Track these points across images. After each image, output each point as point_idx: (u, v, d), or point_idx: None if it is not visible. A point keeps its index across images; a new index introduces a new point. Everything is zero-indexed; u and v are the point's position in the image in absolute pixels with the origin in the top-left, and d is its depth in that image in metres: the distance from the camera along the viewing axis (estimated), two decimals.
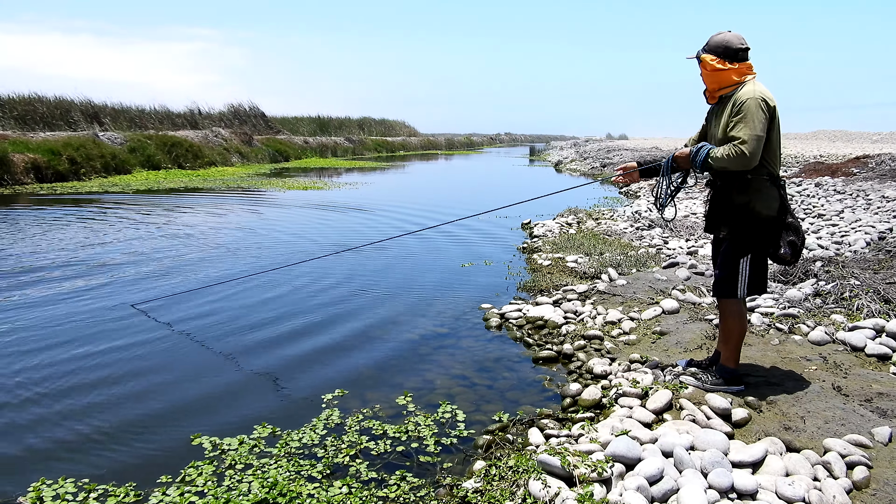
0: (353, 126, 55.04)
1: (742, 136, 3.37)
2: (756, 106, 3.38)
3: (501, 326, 5.74)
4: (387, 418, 3.93)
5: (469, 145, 76.08)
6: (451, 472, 3.32)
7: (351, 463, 3.39)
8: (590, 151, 41.51)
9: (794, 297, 5.46)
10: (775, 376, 3.99)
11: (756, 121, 3.36)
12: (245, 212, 13.60)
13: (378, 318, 6.00)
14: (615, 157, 31.86)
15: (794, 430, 3.30)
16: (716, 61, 3.55)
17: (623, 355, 4.72)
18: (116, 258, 8.33)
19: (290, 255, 8.86)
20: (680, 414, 3.57)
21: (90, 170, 20.77)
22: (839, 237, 8.26)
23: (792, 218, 3.61)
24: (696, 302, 5.77)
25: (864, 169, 15.97)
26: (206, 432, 3.71)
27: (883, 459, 3.02)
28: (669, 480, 2.81)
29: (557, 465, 2.92)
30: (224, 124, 37.08)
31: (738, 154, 3.37)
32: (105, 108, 31.40)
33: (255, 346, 5.20)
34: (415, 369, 4.75)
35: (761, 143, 3.38)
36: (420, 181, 25.92)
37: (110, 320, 5.73)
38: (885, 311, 4.95)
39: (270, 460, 3.41)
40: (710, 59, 3.57)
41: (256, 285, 6.97)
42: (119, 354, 4.94)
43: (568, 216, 11.96)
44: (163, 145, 25.93)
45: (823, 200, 12.01)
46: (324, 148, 42.09)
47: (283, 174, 25.87)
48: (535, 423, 3.76)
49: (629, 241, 9.26)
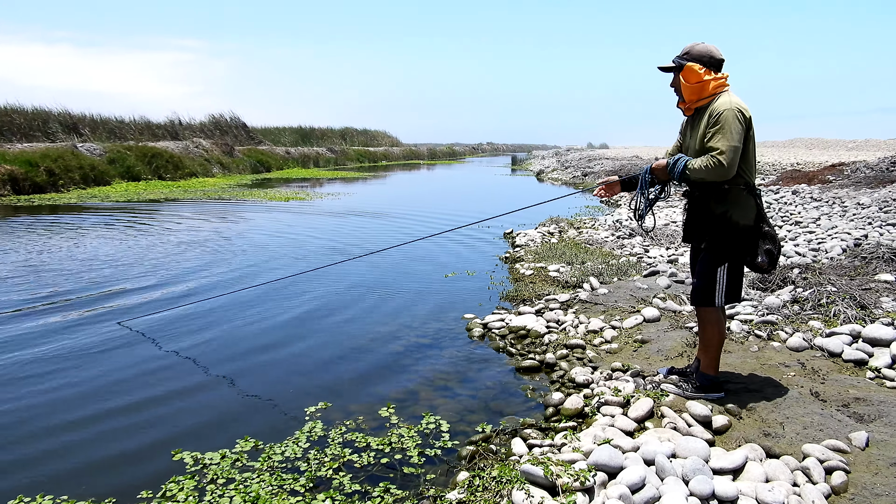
0: (335, 136, 55.01)
1: (720, 147, 3.40)
2: (733, 117, 3.42)
3: (484, 336, 5.75)
4: (370, 430, 3.92)
5: (451, 155, 76.31)
6: (435, 483, 3.32)
7: (334, 476, 3.38)
8: (571, 161, 41.78)
9: (773, 303, 5.53)
10: (755, 383, 4.03)
11: (733, 132, 3.40)
12: (225, 223, 13.51)
13: (361, 330, 5.99)
14: (596, 166, 32.10)
15: (773, 437, 3.34)
16: (702, 71, 3.55)
17: (605, 364, 4.74)
18: (102, 272, 8.23)
19: (271, 269, 8.82)
20: (661, 422, 3.60)
21: (68, 181, 20.56)
22: (816, 244, 8.38)
23: (768, 227, 3.66)
24: (676, 310, 5.82)
25: (840, 176, 16.24)
26: (187, 447, 3.68)
27: (860, 464, 3.06)
28: (651, 488, 2.83)
29: (540, 475, 2.92)
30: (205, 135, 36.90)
31: (716, 165, 3.41)
32: (84, 119, 31.15)
33: (238, 361, 5.17)
34: (398, 380, 4.74)
35: (738, 154, 3.42)
36: (402, 192, 25.92)
37: (94, 336, 5.66)
38: (861, 316, 5.03)
39: (253, 474, 3.38)
40: (698, 69, 3.54)
41: (237, 300, 6.92)
42: (101, 369, 4.89)
43: (550, 225, 12.02)
44: (143, 156, 25.75)
45: (800, 208, 12.19)
46: (306, 158, 42.01)
47: (264, 185, 25.77)
48: (518, 433, 3.77)
49: (610, 249, 9.33)
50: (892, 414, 3.51)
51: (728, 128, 3.40)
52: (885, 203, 11.02)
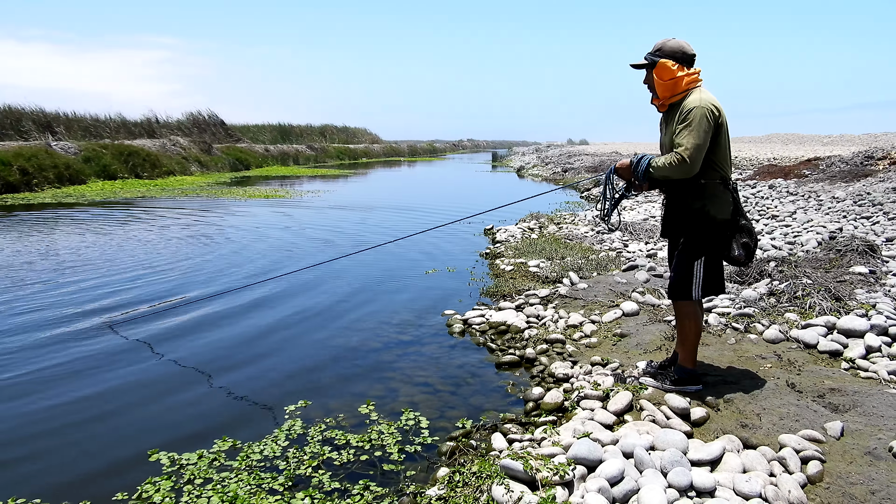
0: (314, 134, 54.66)
1: (684, 144, 3.41)
2: (702, 115, 3.42)
3: (465, 332, 5.74)
4: (350, 428, 3.90)
5: (432, 152, 76.22)
6: (415, 479, 3.30)
7: (313, 474, 3.35)
8: (551, 157, 41.92)
9: (750, 296, 5.58)
10: (732, 375, 4.07)
11: (700, 129, 3.41)
12: (203, 223, 13.36)
13: (340, 327, 5.96)
14: (576, 162, 32.23)
15: (750, 428, 3.37)
16: (675, 67, 3.56)
17: (584, 358, 4.76)
18: (78, 271, 8.11)
19: (255, 270, 8.75)
20: (640, 415, 3.62)
21: (43, 180, 20.20)
22: (792, 237, 8.49)
23: (745, 220, 3.69)
24: (655, 304, 5.86)
25: (816, 171, 16.46)
26: (163, 447, 3.63)
27: (836, 454, 3.10)
28: (630, 481, 2.84)
29: (520, 470, 2.93)
30: (183, 133, 36.46)
31: (678, 162, 3.42)
32: (58, 118, 30.63)
33: (216, 361, 5.11)
34: (378, 377, 4.72)
35: (702, 152, 3.43)
36: (384, 189, 25.84)
37: (71, 334, 5.57)
38: (836, 308, 5.10)
39: (231, 474, 3.34)
40: (671, 65, 3.55)
41: (215, 301, 6.84)
42: (77, 368, 4.81)
43: (530, 221, 12.05)
44: (119, 155, 25.36)
45: (777, 202, 12.33)
46: (285, 156, 41.70)
47: (243, 183, 25.53)
48: (498, 428, 3.77)
49: (590, 244, 9.37)
50: (866, 404, 3.56)
51: (695, 125, 3.41)
52: (859, 197, 11.18)
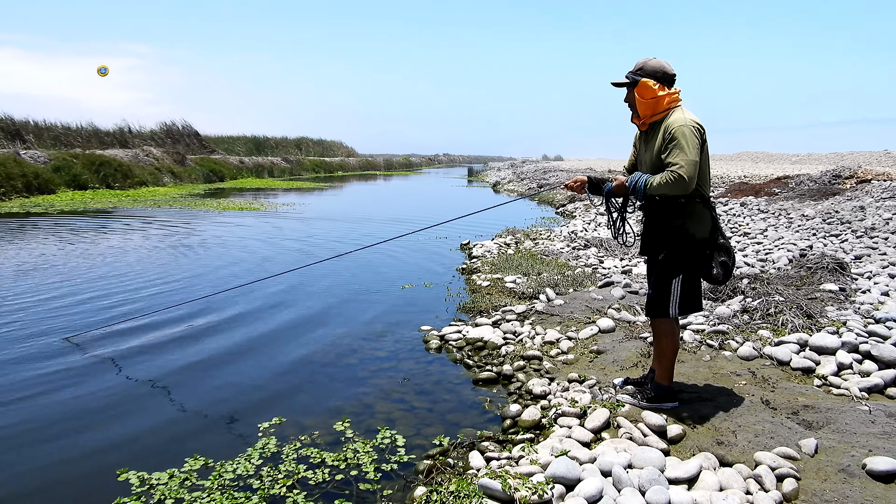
0: (290, 146, 54.43)
1: (679, 162, 3.45)
2: (690, 132, 3.47)
3: (441, 348, 5.71)
4: (325, 446, 3.84)
5: (408, 166, 76.31)
6: (392, 499, 3.26)
7: (288, 494, 3.29)
8: (527, 172, 42.21)
9: (724, 313, 5.64)
10: (708, 392, 4.09)
11: (691, 146, 3.45)
12: (173, 235, 13.18)
13: (315, 343, 5.89)
14: (551, 177, 32.49)
15: (726, 445, 3.39)
16: (657, 86, 3.61)
17: (562, 375, 4.76)
18: (44, 285, 7.92)
19: (221, 280, 8.64)
20: (618, 432, 3.61)
21: (10, 189, 19.80)
22: (764, 255, 8.61)
23: (723, 239, 3.73)
24: (630, 320, 5.89)
25: (785, 189, 16.77)
26: (133, 467, 3.53)
27: (810, 471, 3.12)
28: (609, 500, 2.83)
29: (498, 489, 2.90)
30: (156, 143, 36.05)
31: (676, 179, 3.45)
32: (28, 125, 30.12)
33: (186, 377, 5.01)
34: (354, 394, 4.67)
35: (697, 168, 3.48)
36: (359, 202, 25.76)
37: (36, 350, 5.43)
38: (808, 325, 5.17)
39: (203, 493, 3.26)
40: (652, 84, 3.60)
41: (184, 314, 6.71)
42: (43, 387, 4.67)
43: (506, 236, 12.08)
44: (90, 164, 24.97)
45: (748, 219, 12.52)
46: (260, 168, 41.44)
47: (217, 195, 25.28)
48: (475, 445, 3.74)
49: (566, 260, 9.41)
50: (839, 421, 3.60)
51: (686, 143, 3.45)
52: (828, 215, 11.40)
